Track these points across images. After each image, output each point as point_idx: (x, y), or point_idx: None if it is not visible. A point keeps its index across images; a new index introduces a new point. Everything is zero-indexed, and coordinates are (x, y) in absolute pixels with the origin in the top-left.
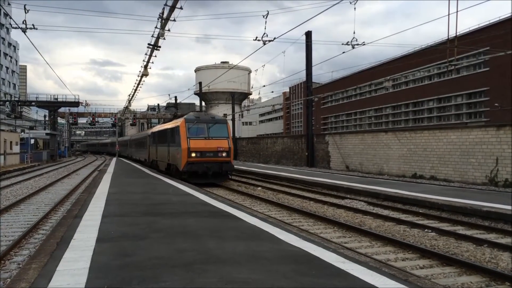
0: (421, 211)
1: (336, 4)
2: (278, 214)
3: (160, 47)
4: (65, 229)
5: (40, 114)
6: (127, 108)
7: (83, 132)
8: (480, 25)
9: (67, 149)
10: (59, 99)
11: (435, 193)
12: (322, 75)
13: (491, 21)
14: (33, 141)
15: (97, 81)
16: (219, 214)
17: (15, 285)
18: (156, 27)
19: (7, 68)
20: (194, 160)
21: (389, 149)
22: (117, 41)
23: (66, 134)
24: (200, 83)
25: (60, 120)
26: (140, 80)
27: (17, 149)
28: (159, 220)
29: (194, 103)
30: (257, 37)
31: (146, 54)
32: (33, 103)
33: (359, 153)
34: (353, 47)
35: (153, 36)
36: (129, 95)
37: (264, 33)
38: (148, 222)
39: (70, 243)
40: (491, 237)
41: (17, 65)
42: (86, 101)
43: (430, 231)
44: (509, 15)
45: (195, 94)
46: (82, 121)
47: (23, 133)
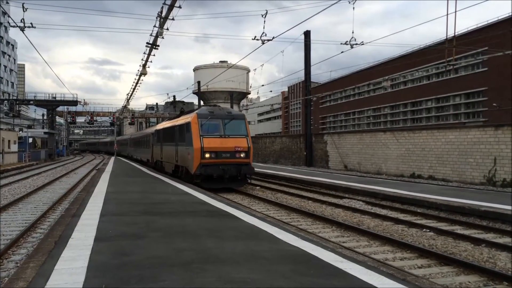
0: (419, 211)
1: (334, 3)
2: (276, 213)
3: (158, 46)
4: (63, 228)
5: (38, 113)
6: (125, 107)
7: (82, 131)
8: (478, 25)
9: (65, 148)
10: (57, 98)
11: (433, 193)
12: (320, 74)
13: (489, 21)
14: (31, 140)
15: (96, 80)
16: (217, 213)
17: (13, 284)
18: (154, 26)
19: (5, 66)
20: (208, 161)
21: (387, 149)
22: (116, 40)
23: (64, 133)
24: (198, 82)
25: (58, 119)
26: (138, 79)
27: (15, 148)
28: (158, 219)
29: (192, 102)
30: (255, 37)
31: (144, 53)
32: (31, 102)
33: (357, 153)
34: (352, 47)
35: (151, 35)
36: (128, 94)
37: (263, 33)
38: (146, 221)
39: (68, 242)
40: (489, 236)
41: (15, 63)
42: (84, 100)
43: (428, 230)
44: (507, 15)
45: (194, 93)
46: (80, 120)
47: (21, 132)
